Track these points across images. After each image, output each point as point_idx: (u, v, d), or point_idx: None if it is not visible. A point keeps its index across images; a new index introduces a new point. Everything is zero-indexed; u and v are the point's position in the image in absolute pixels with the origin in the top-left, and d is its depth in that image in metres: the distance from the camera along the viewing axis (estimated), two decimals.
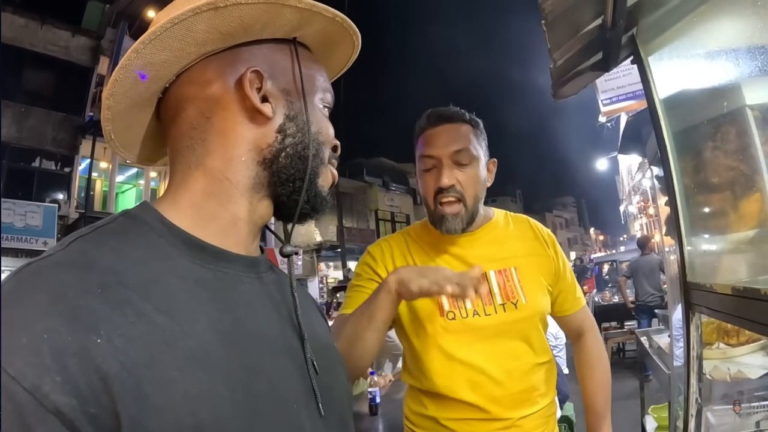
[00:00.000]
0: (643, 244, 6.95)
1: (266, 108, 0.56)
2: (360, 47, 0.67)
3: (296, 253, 0.60)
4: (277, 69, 0.59)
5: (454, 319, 1.14)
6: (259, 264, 0.60)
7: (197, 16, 0.52)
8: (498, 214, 1.29)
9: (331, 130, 0.64)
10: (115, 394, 0.39)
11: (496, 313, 1.15)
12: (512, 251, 1.22)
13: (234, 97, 0.56)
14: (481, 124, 1.22)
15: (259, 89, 0.56)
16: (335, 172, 0.66)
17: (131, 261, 0.47)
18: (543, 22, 1.26)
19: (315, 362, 0.57)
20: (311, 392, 0.55)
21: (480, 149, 1.19)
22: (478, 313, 1.14)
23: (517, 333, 1.15)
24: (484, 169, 1.19)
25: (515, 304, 1.15)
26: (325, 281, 17.55)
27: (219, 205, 0.56)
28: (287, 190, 0.58)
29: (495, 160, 1.25)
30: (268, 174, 0.58)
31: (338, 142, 0.66)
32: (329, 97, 0.65)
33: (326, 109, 0.65)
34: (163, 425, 0.41)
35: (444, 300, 1.14)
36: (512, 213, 1.32)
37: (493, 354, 1.13)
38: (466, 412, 1.11)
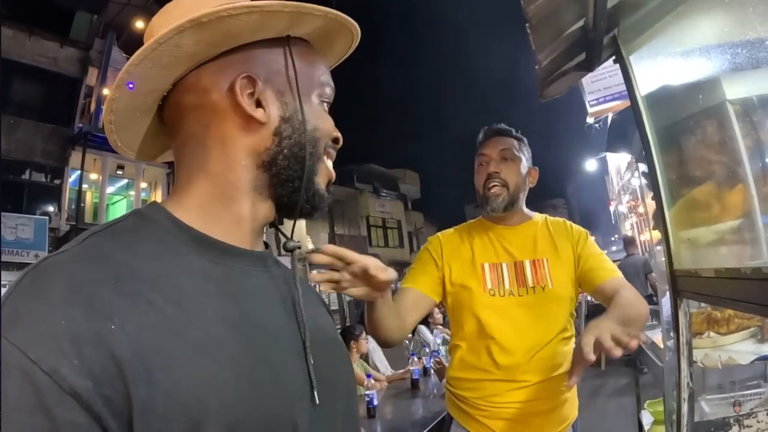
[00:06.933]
0: (628, 244, 6.89)
1: (259, 113, 0.57)
2: (359, 37, 0.66)
3: (299, 248, 0.64)
4: (271, 71, 0.59)
5: (494, 296, 1.44)
6: (265, 258, 0.62)
7: (182, 32, 0.53)
8: (538, 216, 1.58)
9: (329, 123, 0.64)
10: (127, 378, 0.41)
11: (527, 294, 1.44)
12: (546, 246, 1.50)
13: (228, 104, 0.57)
14: (525, 141, 1.56)
15: (252, 94, 0.57)
16: (331, 167, 0.66)
17: (142, 256, 0.49)
18: (527, 25, 1.30)
19: (317, 354, 0.58)
20: (311, 383, 0.57)
21: (522, 155, 1.52)
22: (513, 293, 1.44)
23: (542, 311, 1.43)
24: (525, 169, 1.52)
25: (543, 288, 1.44)
26: (317, 288, 17.43)
27: (223, 206, 0.57)
28: (287, 191, 0.60)
29: (537, 168, 1.57)
30: (268, 176, 0.59)
31: (338, 134, 0.66)
32: (328, 90, 0.65)
33: (325, 104, 0.64)
34: (171, 408, 0.43)
35: (487, 279, 1.46)
36: (551, 217, 1.60)
37: (519, 325, 1.41)
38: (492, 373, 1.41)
